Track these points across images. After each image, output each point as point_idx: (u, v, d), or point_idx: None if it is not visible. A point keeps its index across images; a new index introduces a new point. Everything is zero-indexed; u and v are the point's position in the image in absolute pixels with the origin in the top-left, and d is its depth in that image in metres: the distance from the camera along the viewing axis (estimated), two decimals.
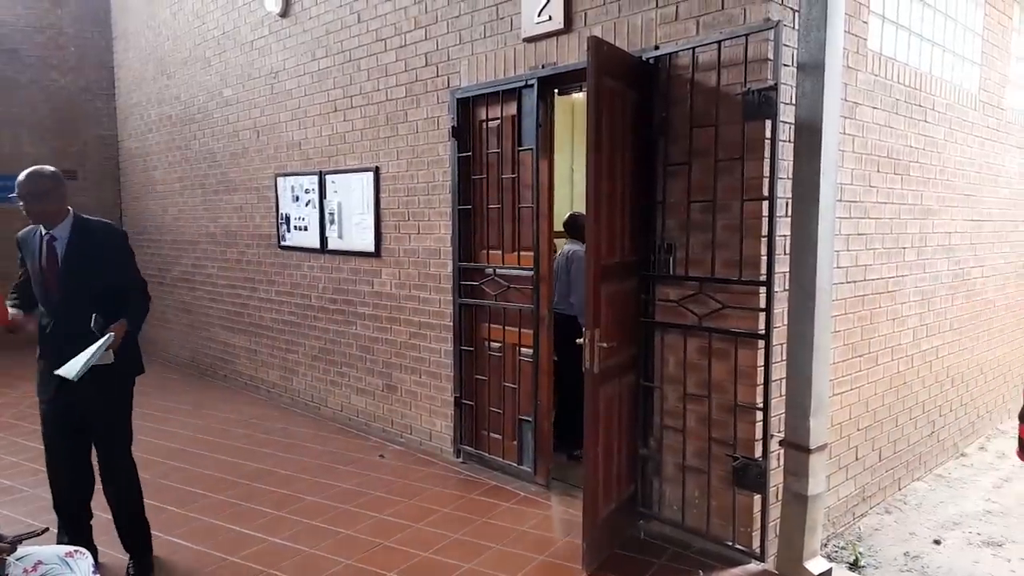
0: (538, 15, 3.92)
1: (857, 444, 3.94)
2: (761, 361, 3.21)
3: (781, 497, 3.30)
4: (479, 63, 4.34)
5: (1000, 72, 5.17)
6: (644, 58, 3.47)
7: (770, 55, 3.07)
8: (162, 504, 4.08)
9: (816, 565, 3.19)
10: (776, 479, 3.32)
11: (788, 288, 3.18)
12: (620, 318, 3.44)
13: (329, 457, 4.93)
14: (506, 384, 4.42)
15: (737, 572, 3.31)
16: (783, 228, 3.18)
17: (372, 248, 5.25)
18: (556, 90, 4.15)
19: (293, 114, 5.90)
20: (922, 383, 4.54)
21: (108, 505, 3.32)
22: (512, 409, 4.40)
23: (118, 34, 8.83)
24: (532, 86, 4.02)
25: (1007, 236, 5.53)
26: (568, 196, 6.21)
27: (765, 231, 3.14)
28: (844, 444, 3.81)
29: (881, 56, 3.82)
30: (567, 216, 5.13)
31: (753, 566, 3.32)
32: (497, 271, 4.42)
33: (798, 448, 3.14)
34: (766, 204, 3.13)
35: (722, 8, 3.21)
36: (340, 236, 5.57)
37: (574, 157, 6.24)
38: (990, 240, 5.23)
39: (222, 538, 3.72)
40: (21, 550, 2.42)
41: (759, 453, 3.27)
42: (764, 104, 3.08)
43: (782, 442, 3.25)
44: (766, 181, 3.13)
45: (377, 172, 5.14)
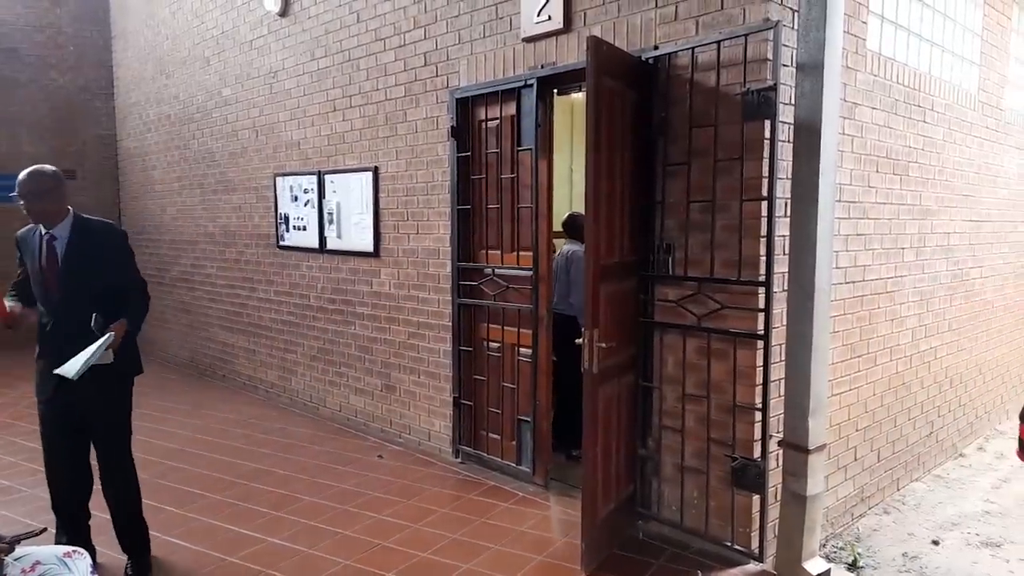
0: (537, 15, 3.92)
1: (856, 444, 3.94)
2: (760, 361, 3.22)
3: (780, 497, 3.30)
4: (478, 63, 4.34)
5: (999, 72, 5.18)
6: (643, 58, 3.47)
7: (769, 55, 3.07)
8: (160, 504, 4.07)
9: (815, 566, 3.18)
10: (775, 479, 3.32)
11: (787, 288, 3.18)
12: (619, 318, 3.44)
13: (327, 457, 4.93)
14: (505, 384, 4.42)
15: (736, 572, 3.31)
16: (782, 228, 3.18)
17: (371, 248, 5.25)
18: (555, 90, 4.15)
19: (292, 114, 5.89)
20: (921, 384, 4.54)
21: (107, 505, 3.31)
22: (511, 409, 4.40)
23: (117, 33, 8.83)
24: (531, 86, 4.02)
25: (1006, 237, 5.53)
26: (567, 196, 6.21)
27: (764, 231, 3.15)
28: (843, 444, 3.81)
29: (880, 56, 3.82)
30: (566, 216, 5.12)
31: (752, 566, 3.32)
32: (496, 271, 4.42)
33: (797, 448, 3.14)
34: (765, 204, 3.13)
35: (721, 8, 3.21)
36: (339, 236, 5.56)
37: (573, 157, 6.24)
38: (989, 241, 5.24)
39: (220, 538, 3.72)
40: (19, 550, 2.42)
41: (758, 453, 3.27)
42: (763, 104, 3.08)
43: (781, 442, 3.25)
44: (765, 181, 3.13)
45: (376, 172, 5.14)
